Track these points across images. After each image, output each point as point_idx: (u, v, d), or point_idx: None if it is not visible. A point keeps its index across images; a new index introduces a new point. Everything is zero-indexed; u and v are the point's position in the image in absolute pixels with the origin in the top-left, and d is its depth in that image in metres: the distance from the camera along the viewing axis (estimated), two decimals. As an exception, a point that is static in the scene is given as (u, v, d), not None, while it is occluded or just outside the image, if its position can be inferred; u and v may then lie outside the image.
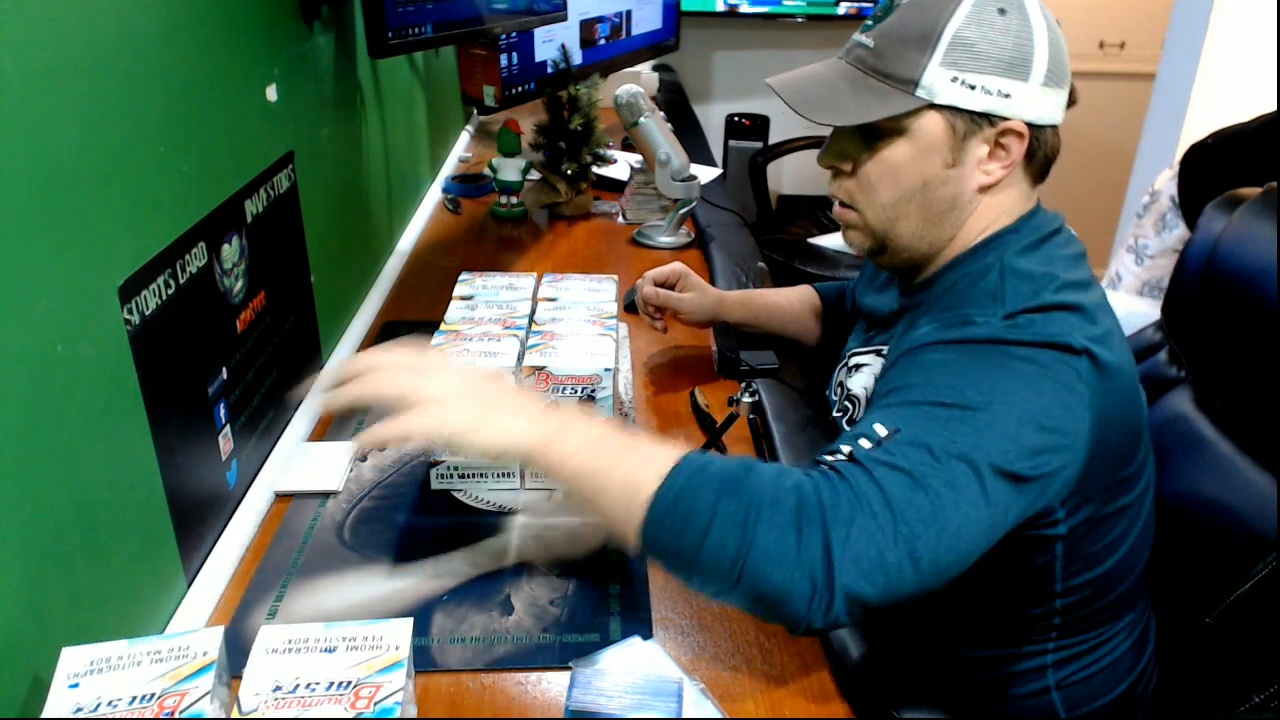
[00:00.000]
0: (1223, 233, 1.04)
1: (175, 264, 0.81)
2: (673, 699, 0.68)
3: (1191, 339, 1.09)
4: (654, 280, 1.27)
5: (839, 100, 0.83)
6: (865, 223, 0.88)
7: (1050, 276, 0.79)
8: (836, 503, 0.67)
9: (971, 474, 0.68)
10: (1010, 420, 0.71)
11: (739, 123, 3.48)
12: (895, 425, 0.71)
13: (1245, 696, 0.89)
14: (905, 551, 0.66)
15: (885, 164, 0.83)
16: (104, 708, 0.60)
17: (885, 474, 0.68)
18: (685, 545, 0.67)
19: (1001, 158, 0.81)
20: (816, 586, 0.65)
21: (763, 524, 0.66)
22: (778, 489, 0.68)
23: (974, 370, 0.74)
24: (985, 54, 0.78)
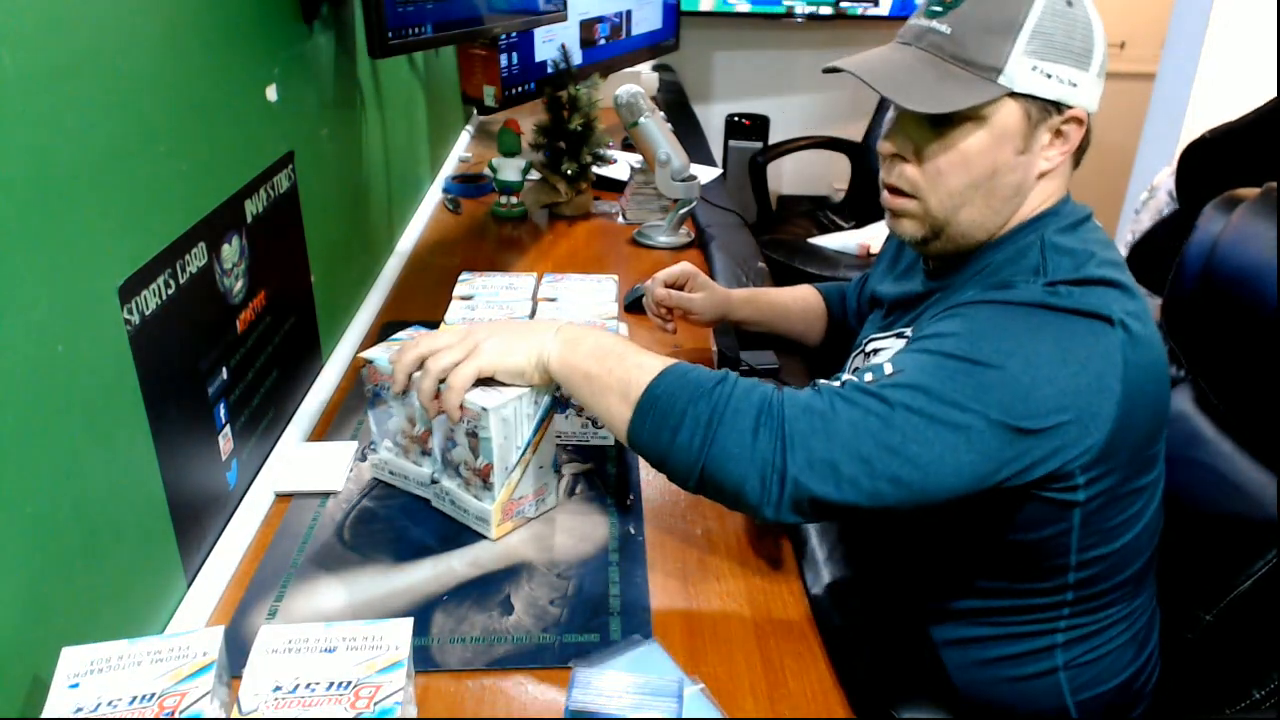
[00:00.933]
0: (1222, 233, 1.05)
1: (175, 264, 0.81)
2: (673, 699, 0.68)
3: (1191, 338, 1.09)
4: (664, 282, 1.27)
5: (925, 85, 0.82)
6: (926, 210, 0.87)
7: (1089, 253, 0.81)
8: (797, 413, 0.75)
9: (958, 416, 0.73)
10: (1024, 379, 0.74)
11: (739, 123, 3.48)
12: (902, 366, 0.77)
13: (1245, 693, 0.89)
14: (861, 467, 0.73)
15: (958, 151, 0.83)
16: (104, 708, 0.60)
17: (865, 399, 0.75)
18: (660, 440, 0.78)
19: (1060, 145, 0.84)
20: (766, 480, 0.74)
21: (724, 424, 0.76)
22: (745, 398, 0.77)
23: (1004, 329, 0.77)
24: (1060, 43, 0.80)
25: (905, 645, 0.93)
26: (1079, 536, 0.83)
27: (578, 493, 1.02)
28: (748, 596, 0.89)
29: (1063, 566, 0.85)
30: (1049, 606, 0.88)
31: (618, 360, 0.82)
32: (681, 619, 0.85)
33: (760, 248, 1.83)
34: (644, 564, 0.92)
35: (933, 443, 0.73)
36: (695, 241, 1.80)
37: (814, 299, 1.30)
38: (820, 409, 0.76)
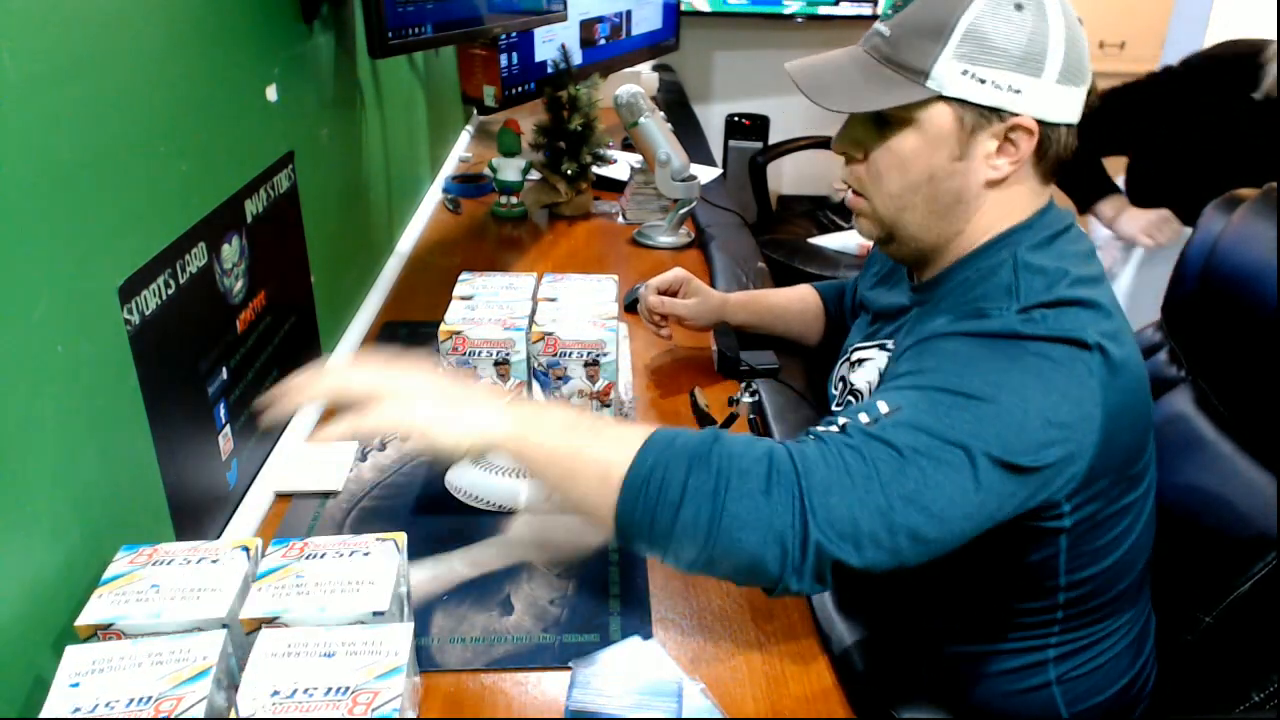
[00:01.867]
0: (1222, 233, 1.05)
1: (175, 264, 0.81)
2: (673, 699, 0.68)
3: (1191, 339, 1.09)
4: (657, 289, 1.27)
5: (851, 87, 0.83)
6: (874, 210, 0.88)
7: (1063, 272, 0.79)
8: (810, 468, 0.69)
9: (964, 459, 0.70)
10: (1016, 413, 0.72)
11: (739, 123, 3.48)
12: (897, 404, 0.73)
13: (1245, 695, 0.89)
14: (881, 521, 0.68)
15: (894, 153, 0.84)
16: (101, 709, 0.60)
17: (873, 447, 0.70)
18: (659, 520, 0.69)
19: (1010, 153, 0.81)
20: (788, 548, 0.68)
21: (733, 490, 0.68)
22: (747, 456, 0.70)
23: (986, 362, 0.75)
24: (998, 48, 0.78)
25: (905, 645, 0.93)
26: (1066, 560, 0.82)
27: (578, 493, 1.02)
28: (748, 597, 0.89)
29: (1051, 589, 0.84)
30: (1039, 624, 0.87)
31: (586, 440, 0.73)
32: (681, 619, 0.85)
33: (760, 248, 1.83)
34: (644, 564, 0.92)
35: (944, 486, 0.69)
36: (695, 241, 1.80)
37: (812, 299, 1.30)
38: (832, 462, 0.70)
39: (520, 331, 1.04)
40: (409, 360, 0.78)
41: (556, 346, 1.05)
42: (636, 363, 1.32)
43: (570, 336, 1.05)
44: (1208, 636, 0.95)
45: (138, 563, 0.70)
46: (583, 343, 1.05)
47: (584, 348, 1.05)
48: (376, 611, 0.68)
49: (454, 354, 1.04)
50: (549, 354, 1.05)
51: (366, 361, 0.81)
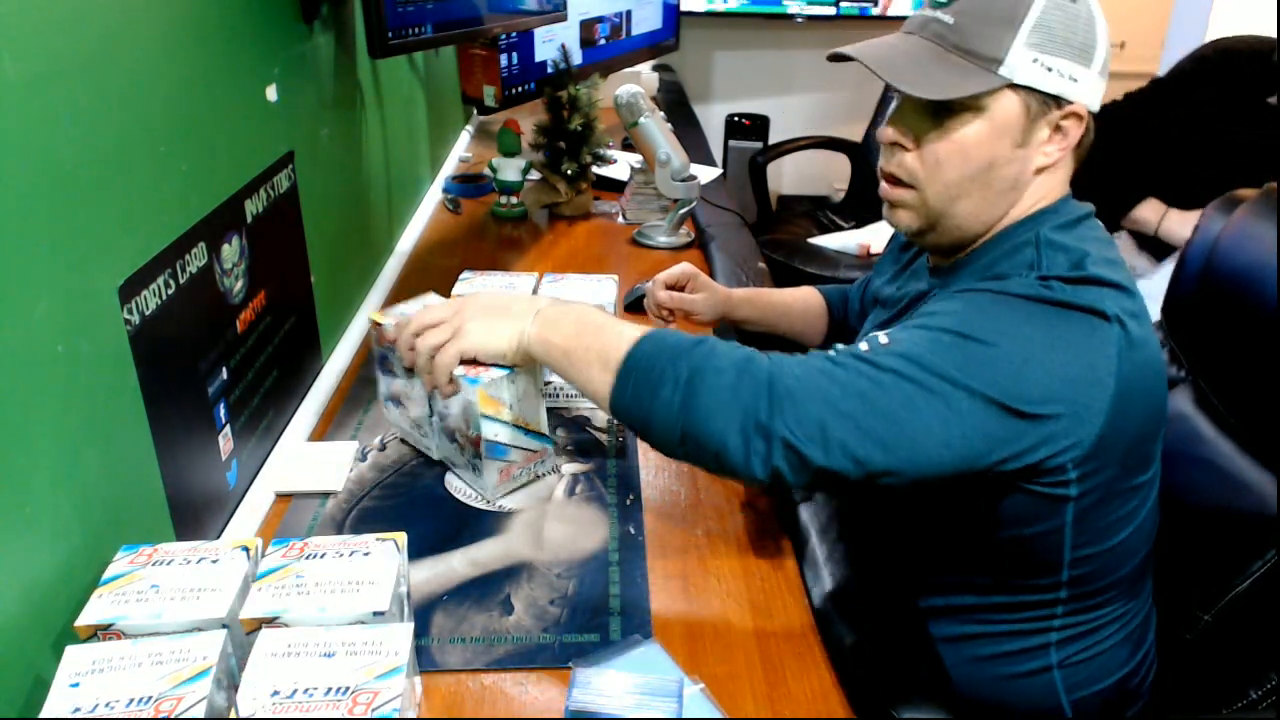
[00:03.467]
0: (1222, 233, 1.05)
1: (175, 264, 0.81)
2: (673, 699, 0.68)
3: (1191, 339, 1.09)
4: (665, 283, 1.27)
5: (925, 72, 0.82)
6: (923, 201, 0.87)
7: (1085, 252, 0.81)
8: (783, 371, 0.75)
9: (949, 388, 0.73)
10: (1015, 360, 0.74)
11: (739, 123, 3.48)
12: (898, 338, 0.77)
13: (1242, 693, 0.89)
14: (850, 428, 0.73)
15: (956, 142, 0.83)
16: (101, 709, 0.60)
17: (857, 365, 0.75)
18: (641, 403, 0.78)
19: (1059, 141, 0.83)
20: (748, 435, 0.73)
21: (704, 379, 0.75)
22: (728, 354, 0.77)
23: (996, 313, 0.77)
24: (1061, 37, 0.80)
25: (905, 645, 0.93)
26: (1072, 534, 0.82)
27: (578, 493, 1.02)
28: (748, 596, 0.89)
29: (1056, 564, 0.85)
30: (1043, 604, 0.87)
31: (596, 333, 0.84)
32: (681, 619, 0.85)
33: (760, 248, 1.83)
34: (644, 564, 0.92)
35: (921, 410, 0.73)
36: (695, 241, 1.80)
37: (815, 299, 1.30)
38: (812, 368, 0.76)
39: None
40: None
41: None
42: (636, 363, 1.32)
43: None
44: (1206, 635, 0.95)
45: (137, 563, 0.70)
46: None
47: None
48: (377, 611, 0.68)
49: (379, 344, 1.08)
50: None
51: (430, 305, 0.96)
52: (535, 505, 1.00)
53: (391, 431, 1.12)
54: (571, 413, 1.17)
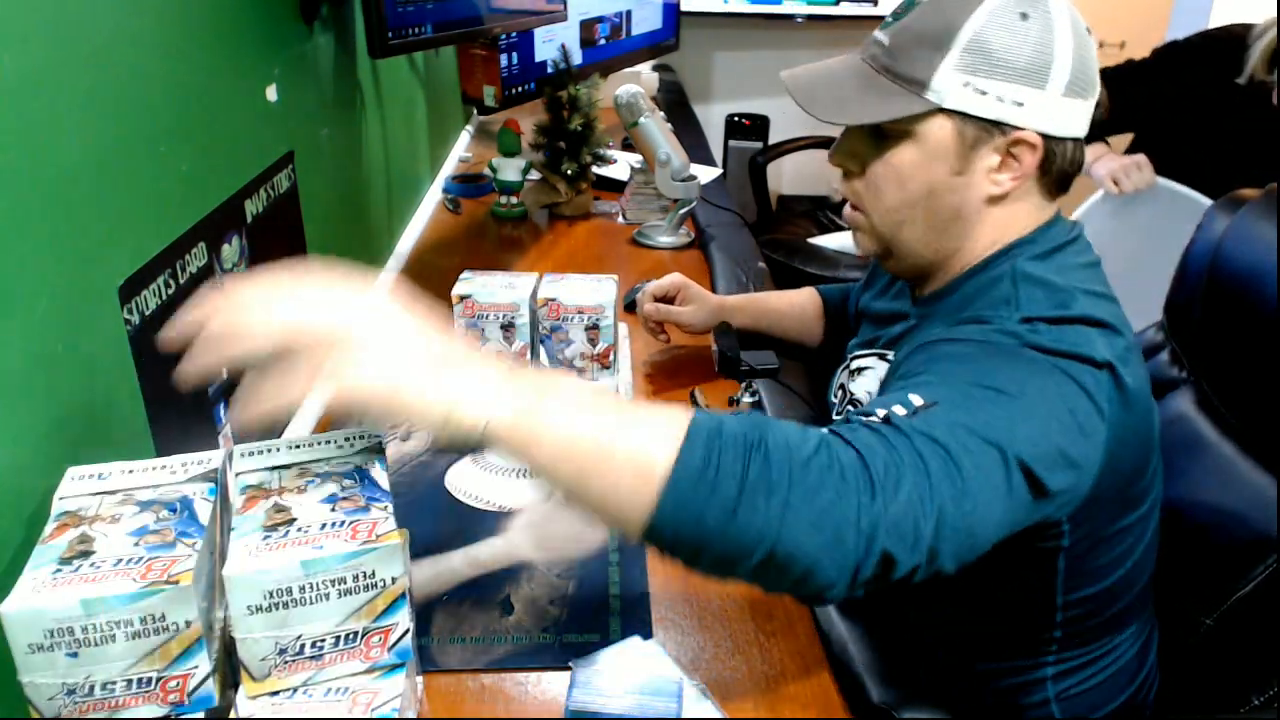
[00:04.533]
0: (1225, 234, 1.04)
1: (175, 264, 0.81)
2: (673, 699, 0.68)
3: (1193, 340, 1.08)
4: (653, 295, 1.26)
5: (846, 98, 0.81)
6: (871, 225, 0.86)
7: (1069, 291, 0.76)
8: (875, 464, 0.61)
9: (1000, 462, 0.64)
10: (1041, 414, 0.67)
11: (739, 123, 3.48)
12: (933, 398, 0.67)
13: (1244, 698, 0.89)
14: (934, 525, 0.61)
15: (891, 167, 0.81)
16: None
17: (925, 444, 0.63)
18: (708, 522, 0.58)
19: (1013, 168, 0.79)
20: (849, 551, 0.59)
21: (797, 488, 0.58)
22: (804, 447, 0.61)
23: (1000, 361, 0.70)
24: (1001, 59, 0.75)
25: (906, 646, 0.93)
26: (1064, 580, 0.80)
27: (578, 493, 1.02)
28: (748, 596, 0.89)
29: (1049, 608, 0.82)
30: (1037, 642, 0.85)
31: (615, 425, 0.60)
32: (681, 619, 0.85)
33: (760, 248, 1.83)
34: (644, 564, 0.92)
35: (984, 489, 0.63)
36: (695, 241, 1.80)
37: (811, 302, 1.30)
38: (891, 457, 0.62)
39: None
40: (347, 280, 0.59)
41: (559, 311, 1.13)
42: (636, 362, 1.32)
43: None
44: (1208, 639, 0.95)
45: None
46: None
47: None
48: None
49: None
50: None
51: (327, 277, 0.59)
52: (535, 505, 1.00)
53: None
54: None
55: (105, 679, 0.57)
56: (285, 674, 0.62)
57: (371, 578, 0.61)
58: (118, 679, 0.58)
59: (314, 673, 0.63)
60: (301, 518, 0.63)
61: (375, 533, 0.62)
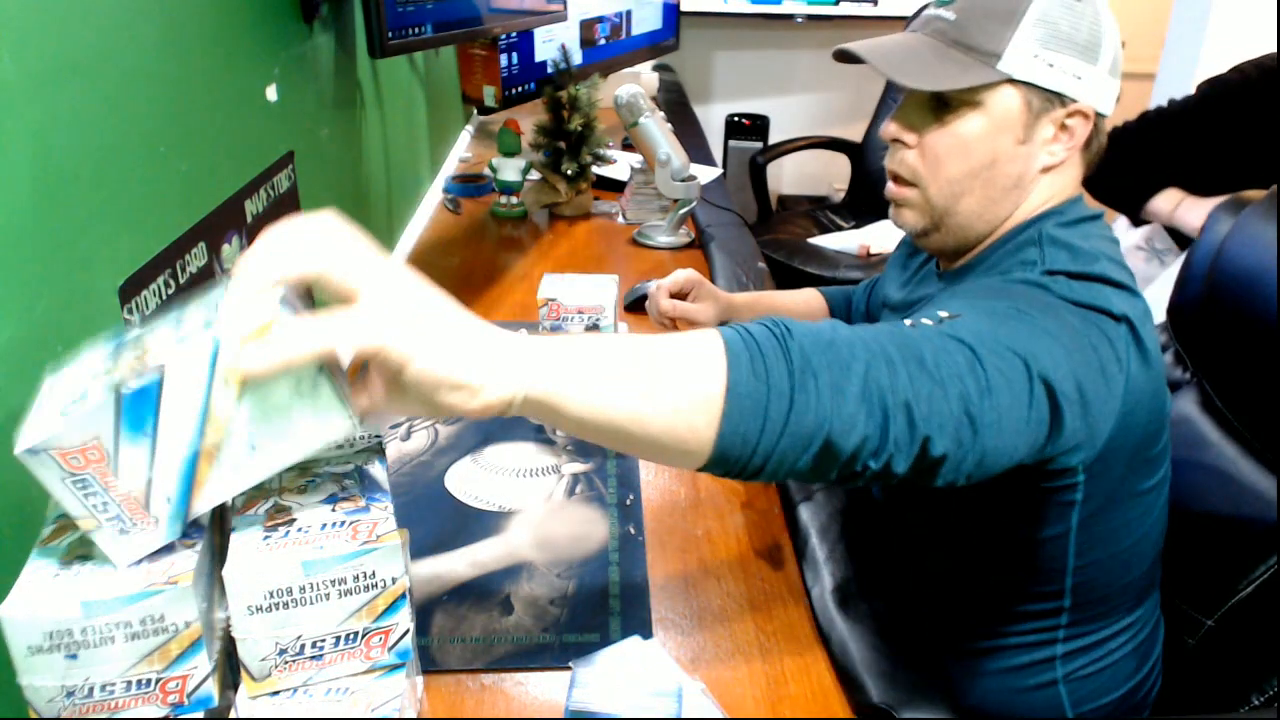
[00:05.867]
0: (1228, 235, 1.04)
1: (175, 264, 0.81)
2: (673, 699, 0.68)
3: (1196, 341, 1.08)
4: (669, 291, 1.27)
5: (924, 66, 0.82)
6: (926, 199, 0.87)
7: (1093, 254, 0.79)
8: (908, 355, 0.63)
9: (1024, 371, 0.66)
10: (1065, 343, 0.69)
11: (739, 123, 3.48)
12: (957, 311, 0.69)
13: (1244, 698, 0.89)
14: (962, 410, 0.62)
15: (956, 137, 0.83)
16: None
17: (949, 342, 0.65)
18: (772, 423, 0.59)
19: (1065, 140, 0.83)
20: (892, 421, 0.60)
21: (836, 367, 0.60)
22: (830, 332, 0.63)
23: (1022, 298, 0.73)
24: (1064, 34, 0.80)
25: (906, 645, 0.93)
26: (1077, 539, 0.82)
27: (578, 493, 1.02)
28: (748, 596, 0.89)
29: (1060, 571, 0.84)
30: (1047, 614, 0.87)
31: (648, 373, 0.60)
32: (681, 619, 0.85)
33: (760, 248, 1.83)
34: (644, 564, 0.92)
35: (1005, 391, 0.64)
36: (695, 241, 1.80)
37: (816, 301, 1.30)
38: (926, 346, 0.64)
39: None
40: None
41: (559, 311, 1.15)
42: (636, 363, 1.32)
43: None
44: (1208, 639, 0.95)
45: None
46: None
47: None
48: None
49: (549, 319, 1.14)
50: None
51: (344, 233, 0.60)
52: (535, 505, 1.00)
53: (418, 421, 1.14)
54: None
55: (105, 680, 0.57)
56: (285, 674, 0.62)
57: (372, 578, 0.61)
58: (117, 680, 0.58)
59: (314, 673, 0.62)
60: (302, 518, 0.63)
61: (376, 533, 0.62)
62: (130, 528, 0.58)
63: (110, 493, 0.56)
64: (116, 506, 0.57)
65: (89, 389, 0.57)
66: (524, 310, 1.45)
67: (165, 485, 0.58)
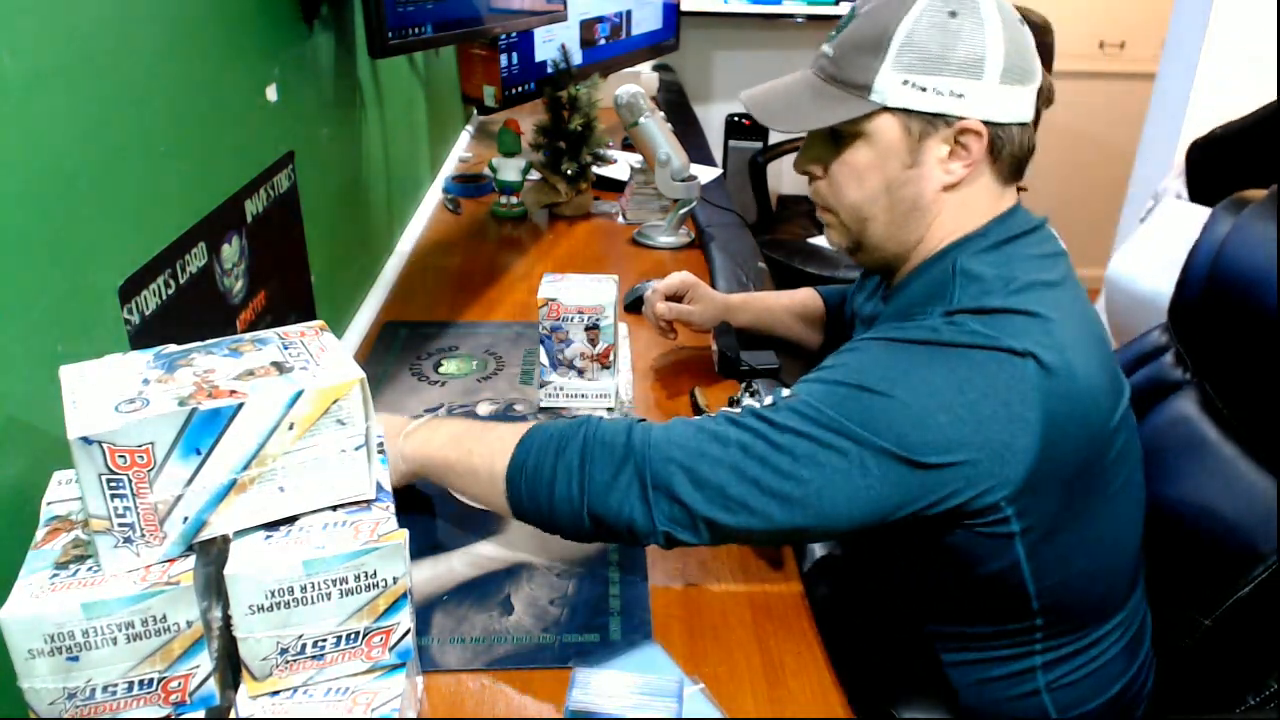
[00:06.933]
0: (1228, 235, 1.04)
1: (175, 264, 0.81)
2: (673, 699, 0.68)
3: (1197, 341, 1.08)
4: (664, 294, 1.28)
5: (799, 108, 0.87)
6: (840, 223, 0.91)
7: (1004, 279, 0.80)
8: (678, 437, 0.77)
9: (848, 444, 0.74)
10: (914, 408, 0.74)
11: (739, 123, 3.47)
12: (797, 391, 0.79)
13: (1241, 699, 0.88)
14: (750, 488, 0.75)
15: (849, 166, 0.86)
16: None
17: (757, 424, 0.76)
18: (540, 501, 0.80)
19: (962, 156, 0.82)
20: (653, 500, 0.76)
21: (597, 457, 0.78)
22: (613, 429, 0.80)
23: (890, 361, 0.77)
24: (935, 56, 0.80)
25: (905, 646, 0.93)
26: (1030, 566, 0.80)
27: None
28: (748, 596, 0.89)
29: (1024, 596, 0.83)
30: (1020, 632, 0.86)
31: (475, 441, 0.86)
32: (681, 619, 0.85)
33: (760, 248, 1.83)
34: (644, 564, 0.92)
35: (823, 466, 0.74)
36: (695, 241, 1.80)
37: (813, 302, 1.30)
38: (706, 431, 0.78)
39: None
40: None
41: (559, 311, 1.13)
42: (637, 363, 1.32)
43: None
44: (1206, 640, 0.94)
45: None
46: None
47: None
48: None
49: (549, 319, 1.14)
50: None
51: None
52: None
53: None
54: (571, 413, 1.17)
55: (106, 681, 0.57)
56: (286, 673, 0.62)
57: (373, 577, 0.61)
58: (119, 681, 0.58)
59: (315, 672, 0.63)
60: (303, 517, 0.63)
61: (377, 532, 0.62)
62: (135, 539, 0.58)
63: (138, 500, 0.57)
64: (135, 515, 0.57)
65: (149, 396, 0.57)
66: (524, 310, 1.45)
67: (190, 506, 0.59)
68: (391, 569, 0.62)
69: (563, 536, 0.82)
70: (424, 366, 1.28)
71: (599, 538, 0.81)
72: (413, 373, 1.26)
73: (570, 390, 1.16)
